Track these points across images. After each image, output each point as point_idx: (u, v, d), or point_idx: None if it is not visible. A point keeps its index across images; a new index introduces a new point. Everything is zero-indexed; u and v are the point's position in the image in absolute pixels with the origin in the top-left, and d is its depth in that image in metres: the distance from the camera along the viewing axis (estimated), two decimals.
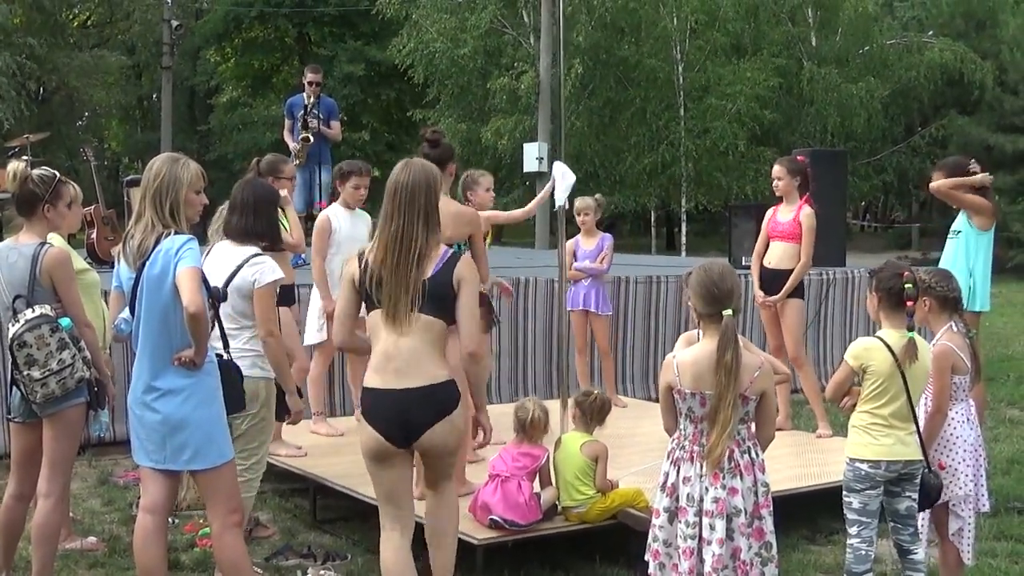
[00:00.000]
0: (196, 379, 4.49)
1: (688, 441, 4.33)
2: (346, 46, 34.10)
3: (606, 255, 8.95)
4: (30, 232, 5.17)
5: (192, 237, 4.51)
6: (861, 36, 31.59)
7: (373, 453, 4.47)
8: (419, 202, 4.43)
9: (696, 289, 4.31)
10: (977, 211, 7.28)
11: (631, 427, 7.84)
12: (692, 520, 4.28)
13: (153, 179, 4.53)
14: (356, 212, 7.85)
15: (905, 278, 4.68)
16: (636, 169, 29.63)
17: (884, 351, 4.66)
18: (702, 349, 4.30)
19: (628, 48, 29.36)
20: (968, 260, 7.23)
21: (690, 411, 4.30)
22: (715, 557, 4.21)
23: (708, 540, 4.23)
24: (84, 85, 32.01)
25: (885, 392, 4.67)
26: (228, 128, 36.15)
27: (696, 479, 4.28)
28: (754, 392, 4.26)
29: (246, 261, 5.34)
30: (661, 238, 36.63)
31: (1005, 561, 5.94)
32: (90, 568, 5.83)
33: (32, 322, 4.90)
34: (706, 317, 4.30)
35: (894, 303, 4.73)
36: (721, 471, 4.24)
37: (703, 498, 4.26)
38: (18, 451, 5.30)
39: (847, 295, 11.69)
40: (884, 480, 4.71)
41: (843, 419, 8.68)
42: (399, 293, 4.34)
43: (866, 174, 32.71)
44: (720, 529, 4.21)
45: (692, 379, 4.26)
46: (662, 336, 10.73)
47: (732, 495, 4.23)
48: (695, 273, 4.36)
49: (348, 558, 5.99)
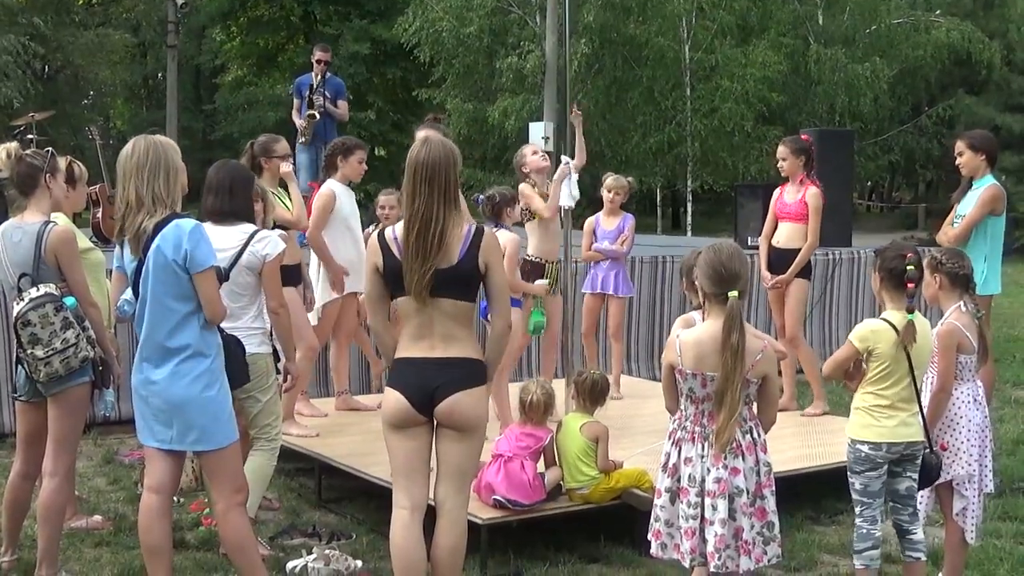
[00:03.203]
0: (199, 360, 4.48)
1: (689, 421, 4.34)
2: (352, 25, 33.96)
3: (627, 237, 8.71)
4: (34, 210, 5.16)
5: (199, 223, 4.52)
6: (868, 15, 31.40)
7: (395, 419, 4.37)
8: (439, 180, 4.32)
9: (704, 269, 4.31)
10: (994, 209, 7.25)
11: (636, 407, 7.85)
12: (694, 500, 4.28)
13: (144, 160, 4.46)
14: (349, 189, 7.81)
15: (908, 259, 4.66)
16: (642, 149, 29.54)
17: (891, 332, 4.64)
18: (706, 330, 4.30)
19: (635, 27, 29.22)
20: (985, 244, 7.21)
21: (691, 391, 4.30)
22: (717, 537, 4.22)
23: (710, 520, 4.24)
24: (89, 64, 31.94)
25: (891, 374, 4.66)
26: (233, 107, 36.05)
27: (698, 459, 4.29)
28: (756, 375, 4.26)
29: (252, 237, 5.42)
30: (667, 218, 36.55)
31: (1010, 542, 5.94)
32: (95, 546, 5.84)
33: (36, 301, 4.90)
34: (712, 298, 4.29)
35: (895, 283, 4.71)
36: (725, 453, 4.25)
37: (705, 479, 4.26)
38: (24, 430, 5.32)
39: (853, 275, 11.67)
40: (885, 461, 4.71)
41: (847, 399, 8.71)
42: (425, 274, 4.27)
43: (873, 154, 32.62)
44: (722, 509, 4.22)
45: (694, 360, 4.26)
46: (667, 316, 10.72)
47: (734, 475, 4.24)
48: (704, 253, 4.36)
49: (353, 537, 6.00)
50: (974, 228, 7.19)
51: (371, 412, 7.42)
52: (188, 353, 4.46)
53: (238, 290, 5.41)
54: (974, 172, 7.37)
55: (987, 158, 7.36)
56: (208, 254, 4.46)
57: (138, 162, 4.46)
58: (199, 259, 4.42)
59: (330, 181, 7.73)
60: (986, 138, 7.57)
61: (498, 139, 29.56)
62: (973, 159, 7.34)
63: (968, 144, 7.39)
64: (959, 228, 7.23)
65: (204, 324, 4.49)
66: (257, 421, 5.66)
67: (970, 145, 7.37)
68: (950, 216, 7.45)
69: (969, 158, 7.35)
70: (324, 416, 7.72)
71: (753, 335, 4.32)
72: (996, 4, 33.55)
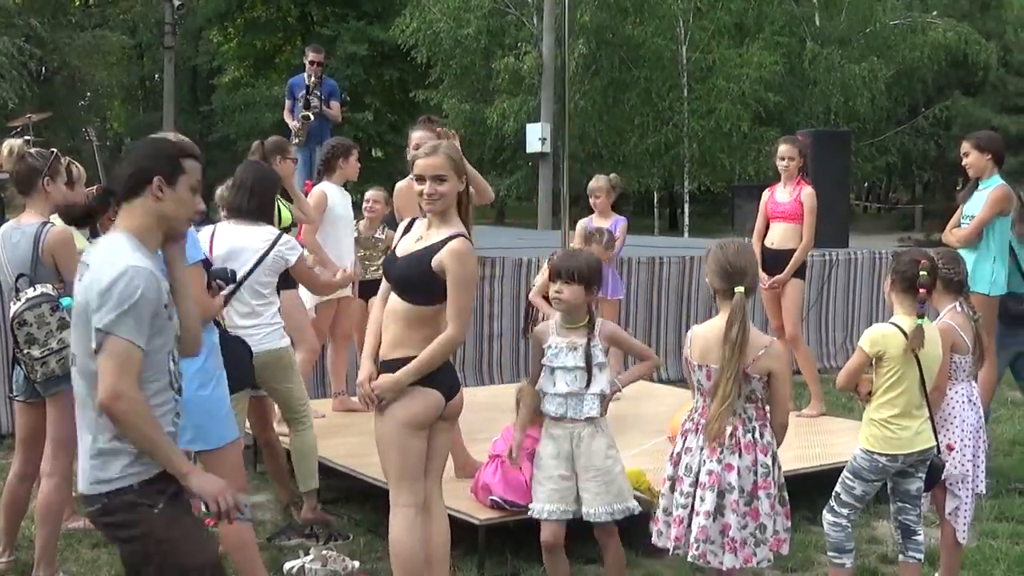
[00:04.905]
0: (191, 360, 4.47)
1: (697, 414, 4.40)
2: (349, 26, 33.98)
3: (618, 238, 8.58)
4: (32, 211, 5.17)
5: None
6: (865, 16, 31.48)
7: (429, 419, 4.38)
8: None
9: (712, 265, 4.39)
10: (1003, 209, 7.25)
11: (633, 408, 7.84)
12: (687, 490, 4.33)
13: None
14: (344, 191, 7.85)
15: (922, 265, 4.70)
16: (640, 149, 29.58)
17: (900, 337, 4.66)
18: (714, 324, 4.37)
19: (632, 28, 29.26)
20: (995, 245, 7.21)
21: (699, 383, 4.38)
22: (699, 528, 4.27)
23: (697, 511, 4.29)
24: (86, 65, 31.89)
25: (900, 381, 4.67)
26: (230, 109, 36.05)
27: (697, 450, 4.35)
28: (757, 370, 4.29)
29: (277, 240, 5.66)
30: (664, 219, 36.59)
31: (1006, 542, 5.95)
32: (93, 547, 5.84)
33: (33, 301, 4.91)
34: (721, 293, 4.37)
35: (906, 288, 4.74)
36: (720, 446, 4.28)
37: (700, 470, 4.30)
38: (22, 430, 5.32)
39: (849, 277, 11.68)
40: (896, 470, 4.75)
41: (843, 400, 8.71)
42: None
43: (870, 155, 32.69)
44: (709, 502, 4.26)
45: (700, 352, 4.33)
46: (664, 316, 10.74)
47: (727, 471, 4.27)
48: (712, 250, 4.44)
49: (350, 538, 6.01)
50: (984, 228, 7.20)
51: (368, 413, 7.37)
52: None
53: (260, 289, 5.63)
54: (981, 172, 7.36)
55: (994, 158, 7.35)
56: (190, 250, 4.43)
57: None
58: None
59: (325, 183, 7.75)
60: (992, 138, 7.57)
61: (495, 140, 29.57)
62: (980, 159, 7.34)
63: (974, 144, 7.38)
64: (969, 228, 7.23)
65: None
66: (291, 405, 5.95)
67: (976, 145, 7.36)
68: (956, 217, 7.45)
69: (976, 158, 7.35)
70: (321, 417, 7.71)
71: (758, 334, 4.37)
72: (993, 5, 33.65)
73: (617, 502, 4.69)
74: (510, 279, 9.91)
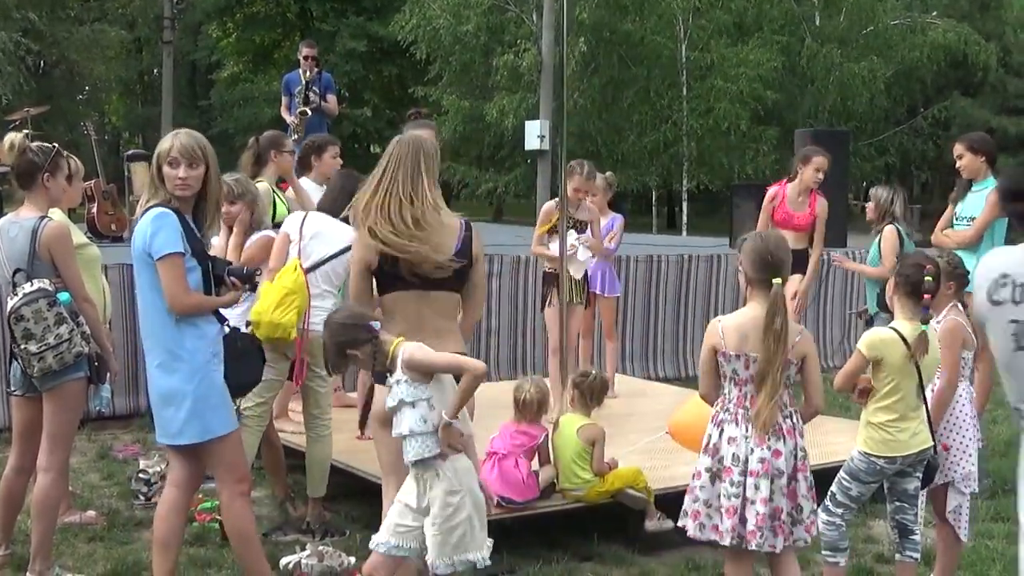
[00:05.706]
0: (180, 354, 4.46)
1: (733, 404, 4.38)
2: (348, 22, 33.95)
3: (615, 235, 8.68)
4: (31, 206, 5.16)
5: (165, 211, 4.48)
6: (865, 16, 31.46)
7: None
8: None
9: (750, 255, 4.39)
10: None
11: (630, 406, 7.85)
12: (737, 480, 4.32)
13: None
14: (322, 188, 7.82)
15: (927, 270, 4.69)
16: (638, 148, 29.57)
17: (899, 343, 4.65)
18: (747, 313, 4.37)
19: (631, 26, 29.24)
20: (994, 246, 7.21)
21: (734, 373, 4.36)
22: (759, 516, 4.27)
23: (752, 500, 4.29)
24: (84, 59, 31.83)
25: (899, 387, 4.67)
26: (229, 103, 36.05)
27: (742, 440, 4.32)
28: (796, 355, 4.33)
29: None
30: (662, 217, 36.58)
31: (1002, 542, 5.95)
32: (89, 542, 5.84)
33: (30, 296, 4.90)
34: (755, 283, 4.38)
35: (909, 292, 4.73)
36: (766, 434, 4.29)
37: (748, 458, 4.30)
38: (19, 425, 5.31)
39: (847, 276, 11.67)
40: (894, 472, 4.75)
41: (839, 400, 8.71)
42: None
43: (868, 155, 32.67)
44: (764, 489, 4.26)
45: (737, 341, 4.32)
46: (661, 315, 10.74)
47: (776, 457, 4.29)
48: (750, 240, 4.47)
49: (346, 534, 6.01)
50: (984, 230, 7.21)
51: None
52: (169, 345, 4.47)
53: (333, 277, 5.96)
54: (975, 174, 7.38)
55: (987, 160, 7.36)
56: (167, 242, 4.40)
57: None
58: (156, 246, 4.39)
59: (303, 179, 7.71)
60: (985, 140, 7.59)
61: (494, 137, 29.55)
62: (973, 161, 7.35)
63: (968, 146, 7.39)
64: (971, 231, 7.22)
65: (180, 316, 4.48)
66: (318, 402, 6.05)
67: (969, 147, 7.37)
68: (946, 216, 7.45)
69: (969, 160, 7.36)
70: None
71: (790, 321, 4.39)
72: (992, 6, 33.63)
73: (456, 554, 4.14)
74: (508, 276, 9.91)
